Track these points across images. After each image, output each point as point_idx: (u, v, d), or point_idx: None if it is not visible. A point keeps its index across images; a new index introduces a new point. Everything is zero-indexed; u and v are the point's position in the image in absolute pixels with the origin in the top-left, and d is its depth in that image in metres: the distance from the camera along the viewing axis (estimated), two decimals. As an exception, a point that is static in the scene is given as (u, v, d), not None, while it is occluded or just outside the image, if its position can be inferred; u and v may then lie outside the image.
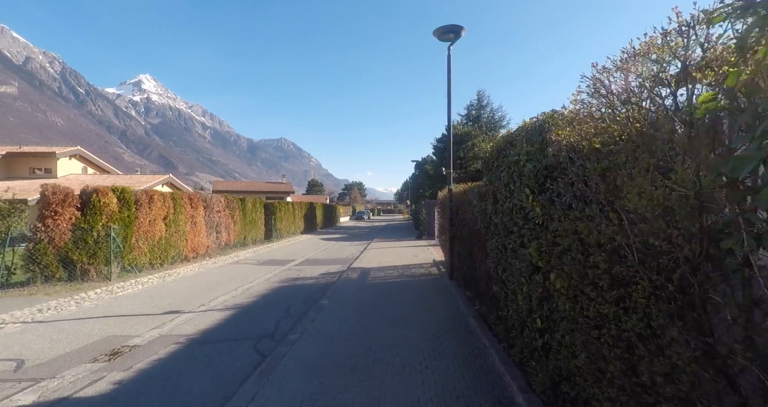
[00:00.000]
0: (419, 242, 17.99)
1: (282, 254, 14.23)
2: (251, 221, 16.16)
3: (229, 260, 12.26)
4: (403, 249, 14.84)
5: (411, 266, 10.37)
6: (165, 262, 9.87)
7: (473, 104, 39.63)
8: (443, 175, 31.92)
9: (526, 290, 3.17)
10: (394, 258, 12.08)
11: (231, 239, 14.12)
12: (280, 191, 44.77)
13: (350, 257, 13.25)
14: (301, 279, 8.99)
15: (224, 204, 13.81)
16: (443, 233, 9.41)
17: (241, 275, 9.48)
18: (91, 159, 29.89)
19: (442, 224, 9.40)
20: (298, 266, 11.13)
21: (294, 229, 22.85)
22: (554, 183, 2.60)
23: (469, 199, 6.21)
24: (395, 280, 8.32)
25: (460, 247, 7.04)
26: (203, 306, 6.48)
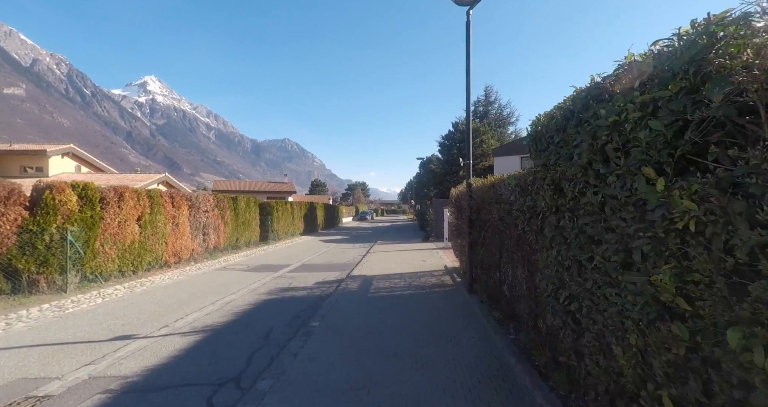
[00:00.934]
0: (426, 244, 16.66)
1: (276, 258, 12.97)
2: (244, 221, 14.94)
3: (216, 265, 11.02)
4: (409, 253, 13.52)
5: (420, 273, 9.05)
6: (139, 269, 8.64)
7: (480, 100, 38.22)
8: (451, 172, 30.53)
9: (637, 343, 1.85)
10: (400, 264, 10.77)
11: (221, 242, 12.90)
12: (282, 190, 43.70)
13: (351, 262, 11.96)
14: (293, 290, 7.71)
15: (213, 203, 12.59)
16: (458, 237, 8.09)
17: (224, 285, 8.22)
18: (85, 157, 28.93)
19: (456, 225, 8.08)
20: (291, 273, 9.86)
21: (293, 230, 21.63)
22: (725, 152, 1.29)
23: (497, 195, 4.89)
24: (402, 293, 7.00)
25: (485, 255, 5.72)
26: (166, 327, 5.22)
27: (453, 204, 8.47)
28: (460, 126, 29.74)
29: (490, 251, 5.46)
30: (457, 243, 8.69)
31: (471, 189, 6.37)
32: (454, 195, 8.32)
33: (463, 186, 7.36)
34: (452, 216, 8.85)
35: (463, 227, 7.44)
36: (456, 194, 8.15)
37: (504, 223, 4.42)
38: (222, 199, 13.29)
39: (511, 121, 37.38)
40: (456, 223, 8.13)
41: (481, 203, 5.89)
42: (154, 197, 9.20)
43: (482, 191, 5.79)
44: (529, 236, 3.52)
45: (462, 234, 7.73)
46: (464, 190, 7.20)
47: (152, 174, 29.44)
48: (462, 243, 7.70)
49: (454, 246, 9.15)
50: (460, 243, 7.92)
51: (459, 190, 7.77)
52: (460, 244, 7.85)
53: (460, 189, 7.56)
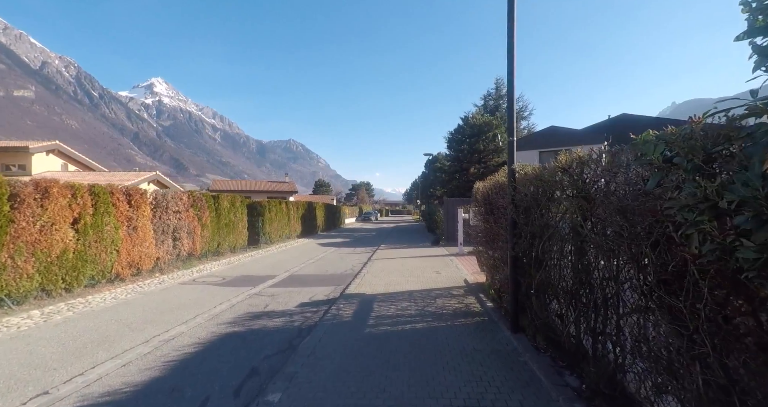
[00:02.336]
0: (437, 249, 14.62)
1: (261, 266, 11.04)
2: (228, 224, 13.05)
3: (186, 277, 9.12)
4: (418, 261, 11.51)
5: (434, 292, 7.04)
6: (75, 286, 6.75)
7: (491, 93, 36.02)
8: (461, 170, 28.35)
9: None
10: (408, 277, 8.76)
11: (197, 248, 11.01)
12: (283, 190, 42.06)
13: (349, 271, 9.98)
14: (266, 317, 5.75)
15: (187, 203, 10.71)
16: (487, 245, 6.07)
17: (180, 307, 6.31)
18: (72, 155, 27.40)
19: (485, 230, 6.06)
20: (273, 289, 7.91)
21: (288, 232, 19.73)
22: None
23: (579, 183, 2.88)
24: (413, 327, 5.00)
25: (544, 276, 3.70)
26: (46, 394, 3.30)
27: (479, 203, 6.46)
28: (471, 120, 27.63)
29: (557, 274, 3.45)
30: (483, 252, 6.67)
31: (515, 180, 4.36)
32: (481, 191, 6.30)
33: (498, 178, 5.35)
34: (477, 218, 6.84)
35: (495, 232, 5.42)
36: (484, 189, 6.13)
37: (616, 233, 2.40)
38: (199, 198, 11.41)
39: (524, 115, 35.16)
40: (484, 227, 6.11)
41: (533, 201, 3.88)
42: (99, 195, 7.32)
43: (537, 182, 3.78)
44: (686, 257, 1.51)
45: (493, 242, 5.71)
46: (499, 182, 5.18)
47: (142, 172, 27.83)
48: (493, 255, 5.68)
49: (479, 255, 7.14)
50: (490, 255, 5.90)
51: (489, 183, 5.75)
52: (491, 256, 5.83)
53: (493, 182, 5.54)
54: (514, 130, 4.49)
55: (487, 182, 5.87)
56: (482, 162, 26.96)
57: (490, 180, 5.75)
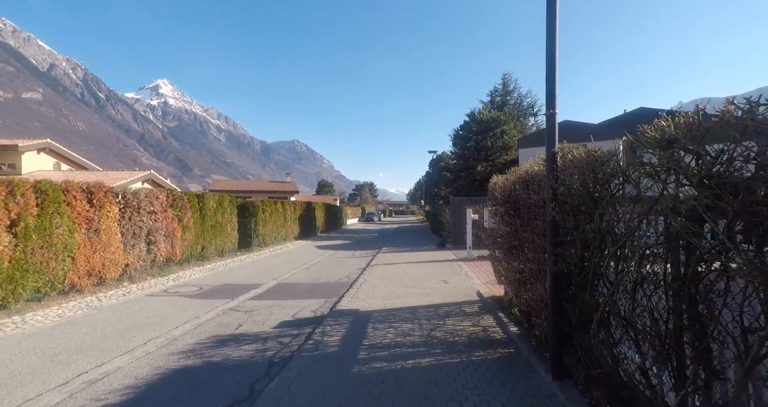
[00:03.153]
0: (443, 253, 13.40)
1: (248, 273, 9.91)
2: (215, 225, 11.95)
3: (158, 286, 8.01)
4: (422, 267, 10.31)
5: (442, 308, 5.84)
6: (11, 301, 5.66)
7: (497, 89, 34.67)
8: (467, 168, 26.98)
9: None
10: (411, 287, 7.58)
11: (177, 252, 9.91)
12: (284, 190, 41.07)
13: (344, 279, 8.82)
14: (234, 344, 4.59)
15: (165, 202, 9.61)
16: (509, 253, 4.85)
17: (135, 328, 5.18)
18: (64, 154, 26.57)
19: (505, 235, 4.86)
20: (254, 302, 6.77)
21: (285, 234, 18.63)
22: None
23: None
24: (418, 364, 3.80)
25: (610, 306, 2.49)
26: None
27: (498, 201, 5.26)
28: (478, 116, 26.36)
29: (634, 307, 2.25)
30: (502, 262, 5.46)
31: (556, 168, 3.16)
32: (501, 186, 5.10)
33: (528, 167, 4.13)
34: (494, 219, 5.63)
35: (522, 238, 4.22)
36: (505, 184, 4.93)
37: None
38: (180, 197, 10.31)
39: (533, 112, 33.81)
40: (505, 231, 4.90)
41: (587, 197, 2.69)
42: (47, 193, 6.23)
43: (599, 168, 2.59)
44: None
45: (518, 250, 4.51)
46: (530, 173, 3.97)
47: (135, 171, 26.92)
48: (519, 267, 4.46)
49: (496, 264, 5.93)
50: (513, 266, 4.68)
51: (514, 176, 4.54)
52: (515, 268, 4.61)
53: (520, 173, 4.33)
54: (555, 97, 3.27)
55: (511, 175, 4.66)
56: (489, 160, 25.69)
57: (514, 172, 4.54)
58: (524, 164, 4.36)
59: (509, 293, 5.47)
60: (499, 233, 5.43)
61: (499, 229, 5.40)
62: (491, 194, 5.88)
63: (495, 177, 5.70)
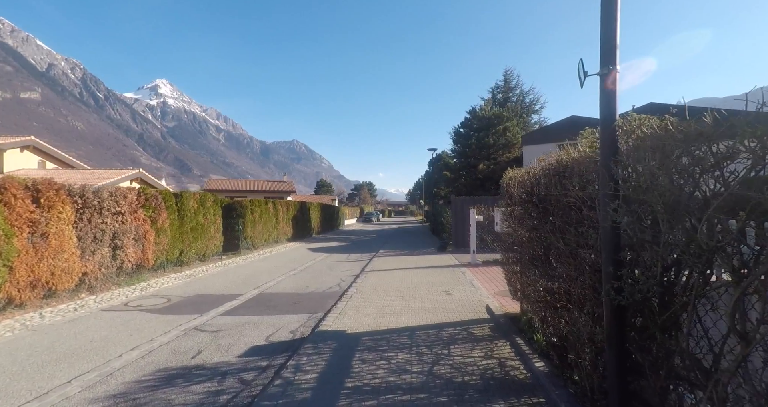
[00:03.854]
0: (444, 257, 12.41)
1: (228, 281, 8.91)
2: (195, 227, 10.94)
3: (120, 298, 7.01)
4: (422, 274, 9.31)
5: (447, 329, 4.83)
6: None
7: (499, 85, 33.66)
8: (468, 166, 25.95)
9: None
10: (409, 299, 6.58)
11: (149, 257, 8.91)
12: (281, 190, 40.10)
13: (334, 289, 7.82)
14: (182, 382, 3.59)
15: (135, 202, 8.61)
16: (531, 266, 3.86)
17: (67, 357, 4.19)
18: (50, 152, 25.50)
19: (526, 243, 3.87)
20: (224, 319, 5.77)
21: (277, 235, 17.63)
22: None
23: None
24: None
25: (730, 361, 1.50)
26: None
27: (514, 200, 4.27)
28: (479, 113, 25.37)
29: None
30: (520, 275, 4.48)
31: (618, 151, 2.16)
32: (521, 182, 4.11)
33: (552, 159, 3.14)
34: (510, 222, 4.64)
35: (547, 247, 3.23)
36: (526, 179, 3.94)
37: None
38: (154, 196, 9.31)
39: (535, 109, 32.84)
40: (527, 237, 3.91)
41: (676, 190, 1.70)
42: (-24, 190, 5.22)
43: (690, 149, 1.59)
44: None
45: (543, 262, 3.52)
46: (565, 161, 2.98)
47: (123, 170, 25.87)
48: (547, 285, 3.46)
49: (511, 275, 4.94)
50: (540, 284, 3.67)
51: (543, 167, 3.55)
52: (543, 286, 3.60)
53: (551, 163, 3.33)
54: (616, 48, 2.25)
55: (535, 167, 3.67)
56: (492, 158, 24.70)
57: (541, 161, 3.54)
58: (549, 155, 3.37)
59: (528, 312, 4.48)
60: (516, 239, 4.44)
61: (516, 234, 4.41)
62: (505, 191, 4.89)
63: (510, 171, 4.71)
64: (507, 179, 4.77)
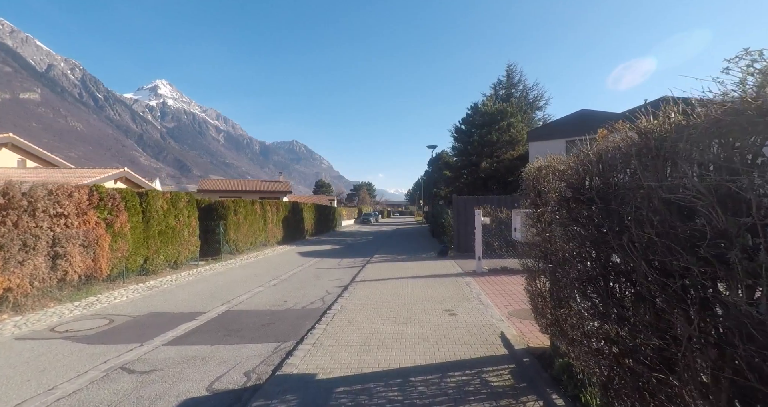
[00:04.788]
0: (446, 263, 11.14)
1: (195, 294, 7.65)
2: (165, 230, 9.68)
3: (50, 320, 5.75)
4: (420, 286, 8.04)
5: (452, 376, 3.55)
6: None
7: (501, 81, 32.44)
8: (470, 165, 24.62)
9: None
10: (404, 322, 5.31)
11: (104, 267, 7.65)
12: (276, 190, 38.91)
13: (315, 305, 6.55)
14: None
15: (85, 202, 7.36)
16: (571, 292, 2.62)
17: None
18: (30, 150, 24.27)
19: (570, 261, 2.63)
20: (167, 350, 4.52)
21: (265, 238, 16.37)
22: None
23: None
24: None
25: None
26: None
27: (542, 200, 3.02)
28: (482, 108, 24.12)
29: None
30: (552, 299, 3.23)
31: None
32: (558, 172, 2.86)
33: (626, 134, 1.88)
34: (536, 229, 3.40)
35: (606, 267, 1.97)
36: (565, 168, 2.69)
37: None
38: (111, 196, 8.05)
39: (539, 105, 31.61)
40: (570, 252, 2.66)
41: None
42: None
43: None
44: None
45: (603, 291, 2.27)
46: (664, 130, 1.70)
47: (107, 169, 24.60)
48: (612, 331, 2.21)
49: (538, 299, 3.70)
50: (594, 325, 2.42)
51: (587, 154, 2.29)
52: (602, 329, 2.35)
53: (610, 144, 2.07)
54: None
55: (589, 148, 2.41)
56: (495, 156, 23.45)
57: (602, 136, 2.28)
58: (613, 129, 2.12)
59: (566, 356, 3.22)
60: (548, 252, 3.18)
61: (549, 246, 3.15)
62: (529, 187, 3.64)
63: (538, 161, 3.46)
64: (532, 171, 3.52)
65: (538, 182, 3.41)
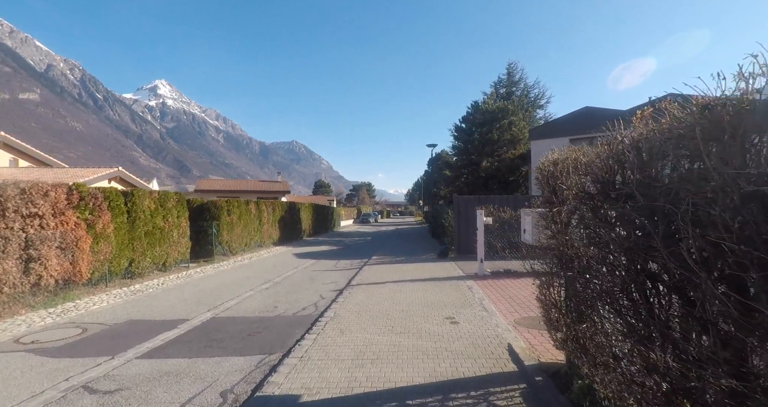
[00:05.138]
0: (446, 265, 10.71)
1: (179, 299, 7.21)
2: (153, 231, 9.25)
3: (17, 329, 5.30)
4: (419, 290, 7.60)
5: (456, 397, 3.12)
6: None
7: (502, 79, 32.02)
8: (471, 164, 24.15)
9: None
10: (401, 332, 4.87)
11: (83, 270, 7.21)
12: (274, 190, 38.49)
13: (307, 312, 6.11)
14: None
15: (62, 202, 6.92)
16: (588, 303, 2.19)
17: None
18: (23, 149, 23.78)
19: (597, 269, 2.20)
20: (140, 364, 4.08)
21: (260, 239, 15.94)
22: None
23: None
24: None
25: None
26: None
27: (565, 197, 2.59)
28: (483, 106, 23.69)
29: None
30: (562, 311, 2.79)
31: None
32: (581, 165, 2.43)
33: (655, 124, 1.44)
34: (552, 231, 2.97)
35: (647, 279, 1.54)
36: (591, 160, 2.26)
37: None
38: (92, 195, 7.62)
39: (541, 104, 31.19)
40: (593, 258, 2.24)
41: None
42: None
43: None
44: None
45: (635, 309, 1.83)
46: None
47: (100, 168, 24.14)
48: (662, 362, 1.78)
49: (555, 313, 3.27)
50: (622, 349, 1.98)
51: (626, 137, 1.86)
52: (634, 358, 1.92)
53: (667, 124, 1.64)
54: None
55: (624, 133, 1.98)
56: (496, 155, 23.02)
57: (645, 115, 1.85)
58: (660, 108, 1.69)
59: (587, 377, 2.78)
60: (565, 258, 2.75)
61: (568, 250, 2.72)
62: (544, 184, 3.21)
63: (554, 153, 3.04)
64: (547, 165, 3.09)
65: (553, 177, 2.97)
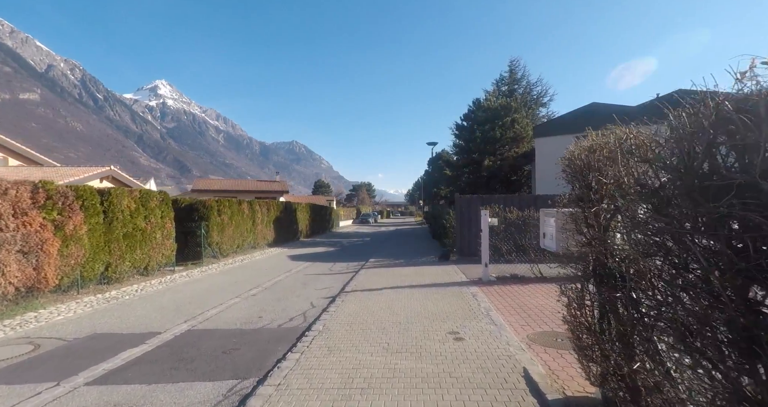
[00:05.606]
0: (447, 270, 10.05)
1: (156, 307, 6.56)
2: (133, 233, 8.61)
3: (-37, 345, 4.69)
4: (419, 297, 6.94)
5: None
6: None
7: (504, 77, 31.37)
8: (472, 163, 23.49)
9: None
10: (398, 351, 4.22)
11: (50, 276, 6.57)
12: (273, 190, 37.90)
13: (294, 323, 5.46)
14: None
15: (26, 201, 6.28)
16: (640, 330, 1.55)
17: None
18: (13, 147, 23.16)
19: (658, 287, 1.57)
20: (85, 395, 3.43)
21: (254, 240, 15.29)
22: None
23: None
24: None
25: None
26: None
27: (598, 194, 1.94)
28: (484, 104, 23.03)
29: None
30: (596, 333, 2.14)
31: None
32: (627, 151, 1.77)
33: None
34: (584, 235, 2.33)
35: None
36: (645, 142, 1.60)
37: None
38: (62, 194, 6.97)
39: (544, 102, 30.54)
40: (657, 274, 1.60)
41: None
42: None
43: None
44: None
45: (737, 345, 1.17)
46: None
47: (92, 167, 23.52)
48: None
49: (586, 334, 2.63)
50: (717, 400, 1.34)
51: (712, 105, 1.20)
52: None
53: None
54: None
55: (706, 105, 1.33)
56: (498, 153, 22.36)
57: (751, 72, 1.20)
58: None
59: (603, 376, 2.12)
60: (609, 268, 2.10)
61: (606, 259, 2.07)
62: (575, 177, 2.56)
63: (591, 138, 2.40)
64: (581, 154, 2.44)
65: (589, 168, 2.33)
